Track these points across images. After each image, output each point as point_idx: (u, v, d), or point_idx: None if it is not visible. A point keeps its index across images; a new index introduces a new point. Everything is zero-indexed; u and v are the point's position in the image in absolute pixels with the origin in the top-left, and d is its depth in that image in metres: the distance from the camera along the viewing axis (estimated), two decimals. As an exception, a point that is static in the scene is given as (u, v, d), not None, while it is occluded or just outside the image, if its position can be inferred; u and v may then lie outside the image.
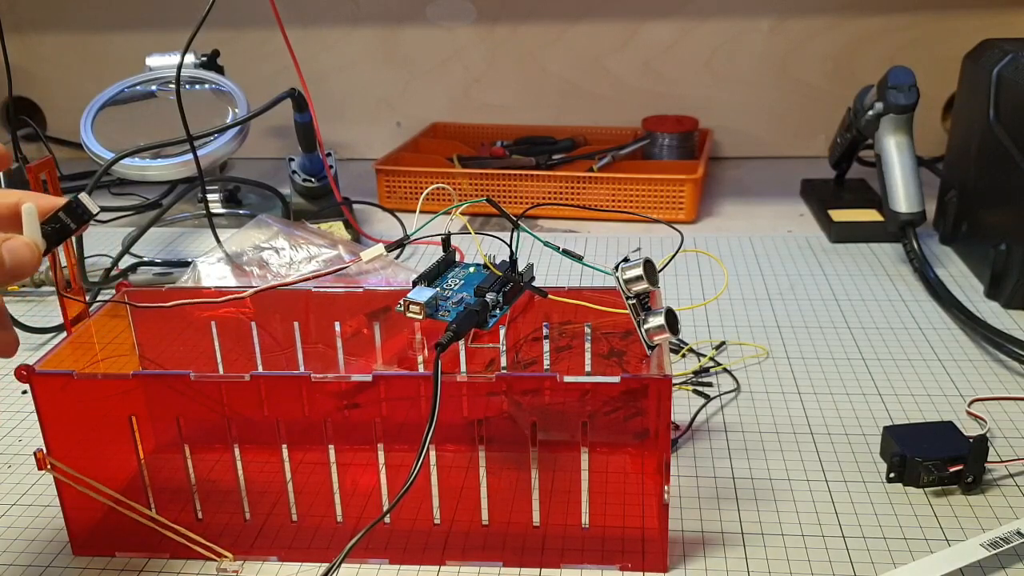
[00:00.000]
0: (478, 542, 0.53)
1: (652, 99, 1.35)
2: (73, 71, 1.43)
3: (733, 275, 0.94)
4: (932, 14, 1.27)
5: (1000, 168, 0.87)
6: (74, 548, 0.55)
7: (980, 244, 0.91)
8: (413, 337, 0.62)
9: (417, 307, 0.51)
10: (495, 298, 0.52)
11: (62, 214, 0.48)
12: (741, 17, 1.30)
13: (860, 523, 0.55)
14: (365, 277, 0.84)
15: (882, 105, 0.95)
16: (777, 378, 0.73)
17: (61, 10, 1.41)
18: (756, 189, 1.23)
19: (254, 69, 1.26)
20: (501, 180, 1.12)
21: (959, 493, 0.57)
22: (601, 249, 1.02)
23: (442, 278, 0.55)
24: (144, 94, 1.11)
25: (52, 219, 0.48)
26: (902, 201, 0.93)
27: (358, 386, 0.49)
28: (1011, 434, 0.64)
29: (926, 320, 0.82)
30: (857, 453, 0.62)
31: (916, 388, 0.70)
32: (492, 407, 0.49)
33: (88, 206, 0.48)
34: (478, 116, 1.39)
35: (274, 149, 1.37)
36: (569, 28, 1.34)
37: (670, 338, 0.50)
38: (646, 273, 0.49)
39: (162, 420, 0.52)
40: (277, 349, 0.63)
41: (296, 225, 0.92)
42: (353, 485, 0.53)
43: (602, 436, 0.51)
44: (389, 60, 1.39)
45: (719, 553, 0.53)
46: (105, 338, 0.59)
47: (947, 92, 1.26)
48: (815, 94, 1.33)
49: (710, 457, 0.62)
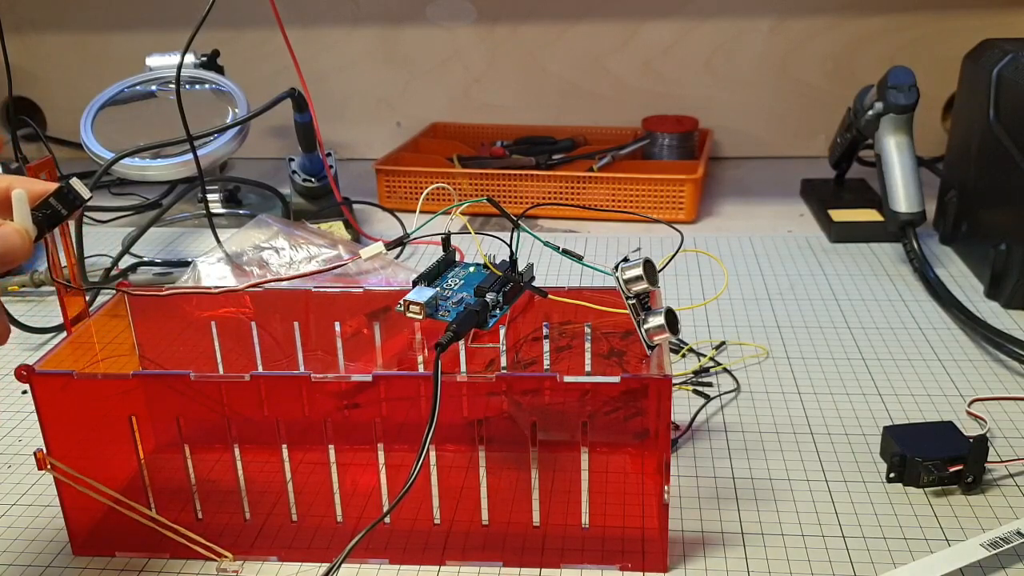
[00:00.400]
0: (478, 542, 0.53)
1: (652, 99, 1.35)
2: (73, 71, 1.43)
3: (733, 275, 0.94)
4: (932, 14, 1.27)
5: (1000, 168, 0.87)
6: (74, 548, 0.55)
7: (980, 244, 0.91)
8: (413, 337, 0.62)
9: (417, 307, 0.51)
10: (495, 298, 0.52)
11: (53, 200, 0.47)
12: (741, 17, 1.30)
13: (860, 523, 0.55)
14: (365, 277, 0.84)
15: (882, 105, 0.95)
16: (777, 378, 0.73)
17: (61, 10, 1.41)
18: (756, 189, 1.23)
19: (254, 69, 1.26)
20: (501, 180, 1.12)
21: (959, 493, 0.57)
22: (601, 249, 1.02)
23: (442, 278, 0.55)
24: (144, 94, 1.11)
25: (43, 205, 0.47)
26: (902, 201, 0.93)
27: (358, 386, 0.49)
28: (1011, 434, 0.64)
29: (926, 320, 0.82)
30: (857, 453, 0.62)
31: (916, 388, 0.70)
32: (492, 407, 0.49)
33: (79, 191, 0.47)
34: (478, 116, 1.39)
35: (274, 149, 1.37)
36: (569, 28, 1.34)
37: (670, 338, 0.50)
38: (646, 273, 0.49)
39: (162, 420, 0.52)
40: (277, 349, 0.63)
41: (296, 225, 0.92)
42: (353, 485, 0.53)
43: (602, 436, 0.51)
44: (389, 60, 1.39)
45: (719, 553, 0.53)
46: (105, 338, 0.59)
47: (947, 92, 1.26)
48: (815, 94, 1.33)
49: (710, 457, 0.62)
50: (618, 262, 0.51)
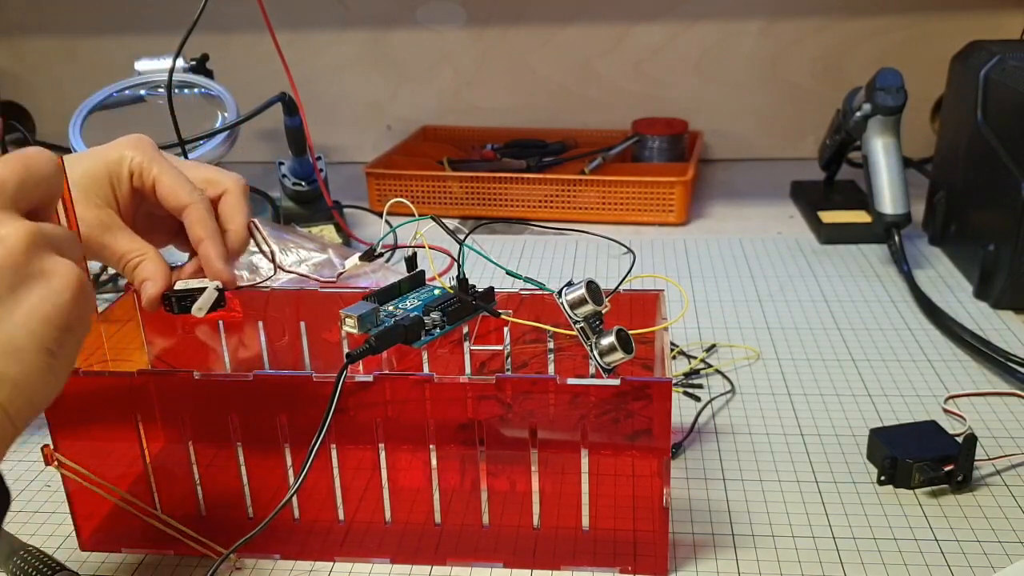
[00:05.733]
0: (478, 542, 0.53)
1: (642, 101, 1.35)
2: (62, 75, 1.42)
3: (723, 277, 0.94)
4: (920, 16, 1.28)
5: (988, 169, 0.87)
6: (80, 544, 0.55)
7: (968, 245, 0.91)
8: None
9: (352, 320, 0.51)
10: (436, 318, 0.52)
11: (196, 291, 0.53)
12: (730, 19, 1.31)
13: (850, 524, 0.55)
14: (355, 280, 0.84)
15: (870, 107, 0.96)
16: (767, 380, 0.73)
17: (49, 14, 1.40)
18: (746, 191, 1.24)
19: (243, 73, 1.25)
20: (491, 183, 1.12)
21: (947, 493, 0.58)
22: (592, 251, 1.02)
23: (402, 298, 0.55)
24: (133, 98, 1.10)
25: (187, 291, 0.53)
26: (888, 203, 0.94)
27: (359, 386, 0.49)
28: (989, 431, 0.64)
29: (915, 321, 0.82)
30: (847, 454, 0.62)
31: (905, 389, 0.71)
32: (492, 409, 0.49)
33: (210, 303, 0.53)
34: (468, 119, 1.39)
35: (264, 153, 1.36)
36: (559, 31, 1.34)
37: (626, 359, 0.50)
38: (589, 295, 0.49)
39: (167, 418, 0.53)
40: (281, 349, 0.63)
41: (286, 229, 0.92)
42: (353, 485, 0.53)
43: (601, 438, 0.51)
44: (379, 63, 1.39)
45: (710, 555, 0.53)
46: (114, 336, 0.59)
47: (935, 93, 1.26)
48: (804, 96, 1.33)
49: (700, 459, 0.62)
50: (561, 287, 0.50)
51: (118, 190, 0.53)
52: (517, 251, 1.02)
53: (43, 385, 0.37)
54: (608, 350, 0.49)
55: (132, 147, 0.53)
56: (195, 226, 0.53)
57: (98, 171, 0.52)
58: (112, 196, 0.53)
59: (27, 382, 0.37)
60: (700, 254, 1.00)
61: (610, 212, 1.11)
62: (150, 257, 0.53)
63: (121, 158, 0.53)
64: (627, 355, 0.50)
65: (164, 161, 0.54)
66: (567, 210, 1.11)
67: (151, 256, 0.53)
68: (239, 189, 0.56)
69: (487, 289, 0.56)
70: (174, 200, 0.53)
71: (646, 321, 0.58)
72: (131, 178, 0.53)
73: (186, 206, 0.53)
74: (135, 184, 0.53)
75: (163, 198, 0.53)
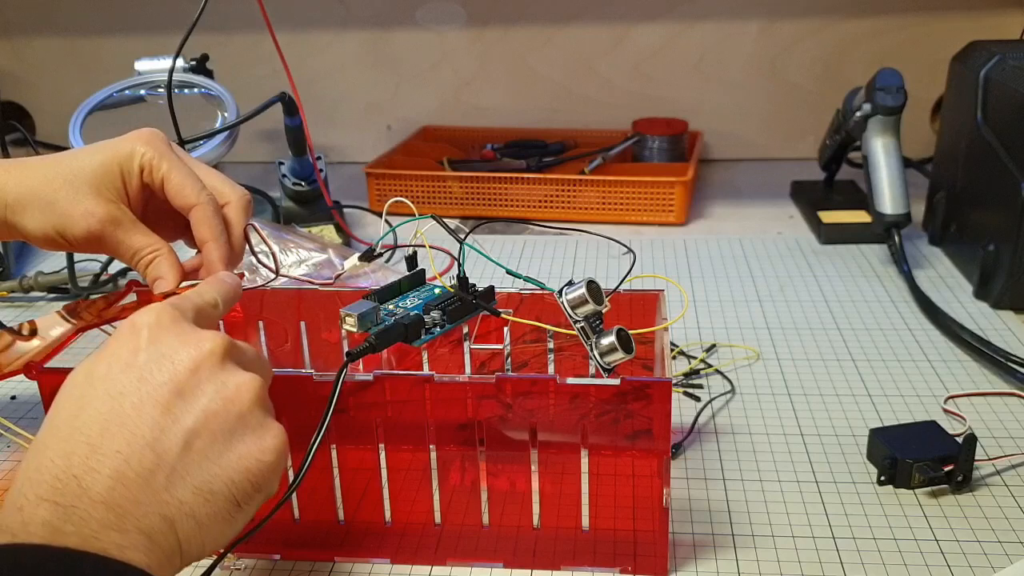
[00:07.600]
0: (478, 542, 0.53)
1: (642, 101, 1.35)
2: (62, 75, 1.42)
3: (723, 277, 0.94)
4: (920, 16, 1.28)
5: (987, 169, 0.87)
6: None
7: (968, 245, 0.91)
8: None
9: (352, 319, 0.51)
10: (436, 317, 0.52)
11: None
12: (730, 20, 1.31)
13: (850, 524, 0.55)
14: (355, 280, 0.84)
15: (870, 107, 0.96)
16: (767, 380, 0.73)
17: (49, 14, 1.40)
18: (746, 191, 1.24)
19: (243, 73, 1.25)
20: (492, 183, 1.12)
21: (947, 493, 0.58)
22: (592, 251, 1.02)
23: (402, 297, 0.55)
24: (133, 98, 1.10)
25: None
26: (888, 203, 0.94)
27: (359, 385, 0.49)
28: (989, 430, 0.64)
29: (915, 321, 0.82)
30: (847, 455, 0.62)
31: (905, 389, 0.71)
32: (492, 409, 0.49)
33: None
34: (468, 119, 1.39)
35: (264, 153, 1.36)
36: (559, 31, 1.34)
37: (626, 359, 0.50)
38: (590, 295, 0.49)
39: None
40: (282, 348, 0.63)
41: (286, 229, 0.92)
42: (353, 485, 0.53)
43: (601, 438, 0.51)
44: (379, 63, 1.39)
45: (709, 555, 0.53)
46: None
47: (935, 94, 1.26)
48: (804, 96, 1.33)
49: (700, 459, 0.62)
50: (561, 287, 0.50)
51: (129, 184, 0.53)
52: (517, 251, 1.02)
53: (219, 534, 0.38)
54: (608, 350, 0.49)
55: (144, 142, 0.53)
56: (201, 227, 0.53)
57: (110, 165, 0.52)
58: (123, 190, 0.53)
59: (208, 526, 0.37)
60: (700, 254, 1.00)
61: (610, 212, 1.11)
62: (163, 255, 0.53)
63: (132, 152, 0.53)
64: (627, 355, 0.50)
65: (175, 158, 0.53)
66: (567, 210, 1.11)
67: (164, 253, 0.53)
68: (241, 204, 0.55)
69: (487, 288, 0.56)
70: (182, 199, 0.53)
71: (646, 321, 0.58)
72: (141, 173, 0.53)
73: (193, 206, 0.53)
74: (145, 180, 0.53)
75: (171, 196, 0.53)
